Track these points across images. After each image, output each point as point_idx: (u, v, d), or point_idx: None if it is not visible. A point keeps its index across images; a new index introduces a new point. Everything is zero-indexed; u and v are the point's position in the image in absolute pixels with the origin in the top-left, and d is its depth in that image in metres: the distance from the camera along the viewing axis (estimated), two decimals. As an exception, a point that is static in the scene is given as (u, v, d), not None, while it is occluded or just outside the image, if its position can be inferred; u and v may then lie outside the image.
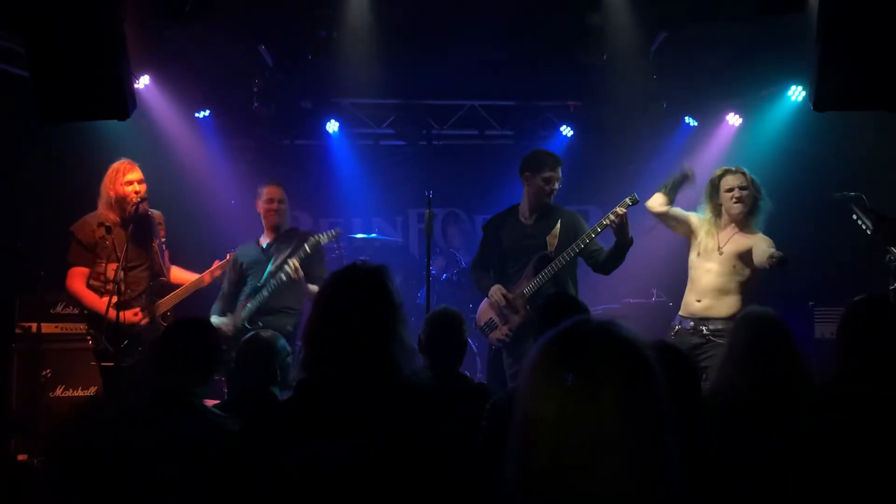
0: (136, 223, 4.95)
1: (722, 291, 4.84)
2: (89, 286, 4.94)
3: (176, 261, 5.49)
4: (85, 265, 4.99)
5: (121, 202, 4.99)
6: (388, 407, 2.14)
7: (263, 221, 5.61)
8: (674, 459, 1.31)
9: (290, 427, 2.15)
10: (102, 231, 4.93)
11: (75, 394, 5.84)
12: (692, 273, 5.01)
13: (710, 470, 1.91)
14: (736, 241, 4.87)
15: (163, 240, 5.20)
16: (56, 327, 5.94)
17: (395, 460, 2.05)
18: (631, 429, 1.29)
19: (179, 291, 5.09)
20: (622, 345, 1.35)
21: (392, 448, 2.06)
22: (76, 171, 6.69)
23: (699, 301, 4.88)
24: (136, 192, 5.00)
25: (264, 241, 5.58)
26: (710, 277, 4.87)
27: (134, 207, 4.92)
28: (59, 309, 5.97)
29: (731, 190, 4.93)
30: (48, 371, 5.84)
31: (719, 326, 4.73)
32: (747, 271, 4.83)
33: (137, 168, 5.07)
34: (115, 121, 4.11)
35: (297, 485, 2.02)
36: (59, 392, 5.85)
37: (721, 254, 4.88)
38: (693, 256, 5.01)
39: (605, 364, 1.32)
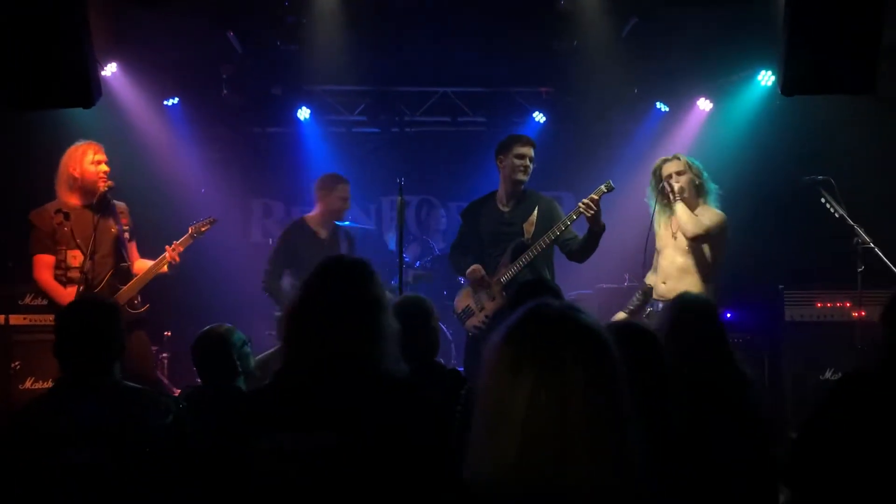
0: (99, 208, 4.90)
1: (683, 272, 4.97)
2: (54, 276, 4.89)
3: (145, 250, 5.42)
4: (47, 253, 4.92)
5: (87, 184, 4.91)
6: (366, 399, 2.14)
7: (327, 211, 6.01)
8: (636, 440, 1.31)
9: (261, 417, 2.14)
10: (60, 217, 4.83)
11: (45, 385, 5.76)
12: (657, 259, 5.15)
13: (677, 449, 1.92)
14: (694, 224, 4.93)
15: (125, 228, 5.11)
16: (24, 319, 5.84)
17: (371, 451, 2.05)
18: (596, 411, 1.28)
19: (141, 278, 5.03)
20: (583, 329, 1.35)
21: (369, 439, 2.05)
22: (41, 160, 6.57)
23: (664, 283, 5.02)
24: (105, 173, 4.94)
25: (322, 231, 5.91)
26: (669, 261, 5.03)
27: (104, 189, 4.88)
28: (27, 300, 5.88)
29: (669, 177, 5.04)
30: (17, 363, 5.76)
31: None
32: (706, 251, 4.95)
33: (102, 150, 5.01)
34: (81, 109, 4.04)
35: (266, 473, 2.01)
36: (28, 384, 5.77)
37: (675, 238, 5.02)
38: (658, 245, 5.14)
39: (570, 347, 1.31)
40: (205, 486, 2.24)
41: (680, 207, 4.95)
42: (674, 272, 4.98)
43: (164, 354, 6.65)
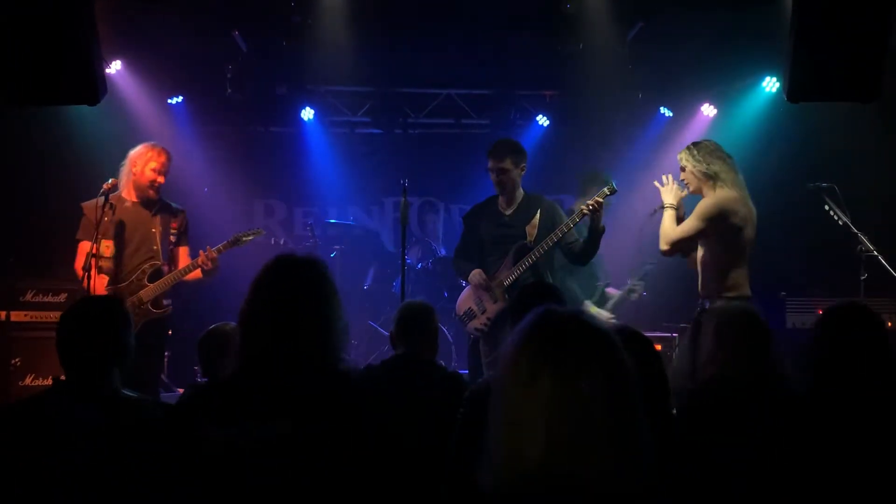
0: (149, 206, 5.03)
1: (703, 267, 4.63)
2: (85, 263, 4.92)
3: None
4: (89, 239, 4.94)
5: (140, 185, 5.01)
6: (316, 391, 2.18)
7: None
8: (649, 437, 1.35)
9: (221, 409, 2.16)
10: (107, 208, 4.88)
11: (45, 383, 5.76)
12: None
13: (678, 451, 1.94)
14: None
15: (173, 231, 5.13)
16: (25, 315, 5.86)
17: (319, 443, 2.08)
18: (615, 410, 1.32)
19: (168, 278, 5.02)
20: (594, 331, 1.38)
21: (317, 431, 2.09)
22: (46, 156, 6.61)
23: (699, 281, 4.73)
24: (159, 183, 5.05)
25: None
26: (697, 258, 4.72)
27: (153, 196, 5.02)
28: (28, 297, 5.89)
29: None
30: (17, 360, 5.76)
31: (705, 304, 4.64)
32: (712, 244, 4.59)
33: (167, 160, 5.09)
34: (86, 106, 4.04)
35: (224, 465, 2.03)
36: (28, 381, 5.77)
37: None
38: None
39: (586, 353, 1.35)
40: (189, 482, 2.24)
41: (665, 215, 4.72)
42: (699, 268, 4.69)
43: (166, 353, 6.65)
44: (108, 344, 2.69)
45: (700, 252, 4.64)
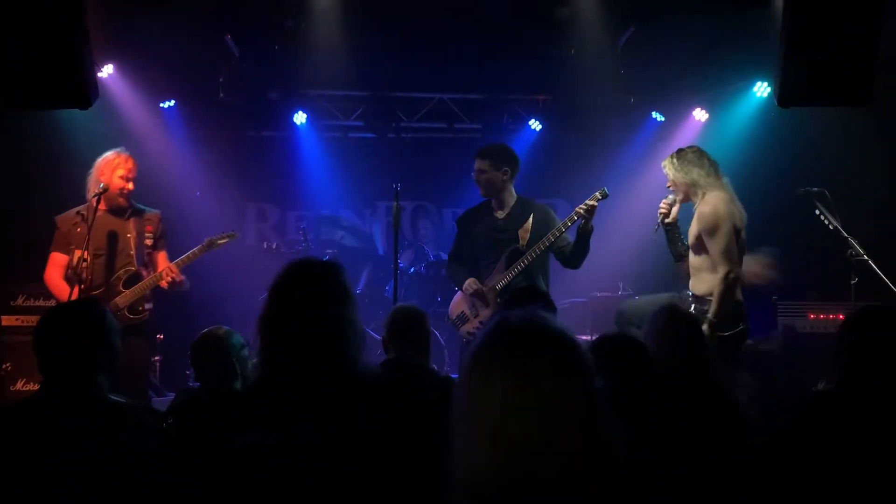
0: (120, 213, 4.99)
1: (696, 270, 4.74)
2: (64, 275, 4.91)
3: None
4: (62, 252, 4.96)
5: (110, 194, 4.96)
6: (340, 396, 2.18)
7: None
8: (611, 443, 1.35)
9: (241, 416, 2.16)
10: (78, 219, 4.89)
11: (36, 387, 5.74)
12: None
13: (665, 449, 1.95)
14: (691, 224, 4.83)
15: (148, 235, 5.10)
16: (17, 320, 5.84)
17: (344, 448, 2.08)
18: (565, 412, 1.33)
19: (140, 286, 4.99)
20: (548, 334, 1.40)
21: (341, 436, 2.09)
22: (37, 160, 6.59)
23: (689, 279, 4.82)
24: (129, 190, 5.01)
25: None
26: (689, 262, 4.82)
27: (123, 204, 4.98)
28: (19, 301, 5.88)
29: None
30: (8, 364, 5.75)
31: (695, 303, 4.69)
32: (709, 249, 4.64)
33: (134, 166, 5.05)
34: (78, 109, 4.04)
35: (244, 470, 2.03)
36: (19, 385, 5.76)
37: (687, 238, 4.86)
38: None
39: (538, 354, 1.36)
40: (191, 487, 2.23)
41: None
42: (692, 271, 4.79)
43: (157, 358, 6.63)
44: (93, 347, 2.65)
45: (699, 256, 4.68)
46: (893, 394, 2.59)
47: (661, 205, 4.87)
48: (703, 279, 4.67)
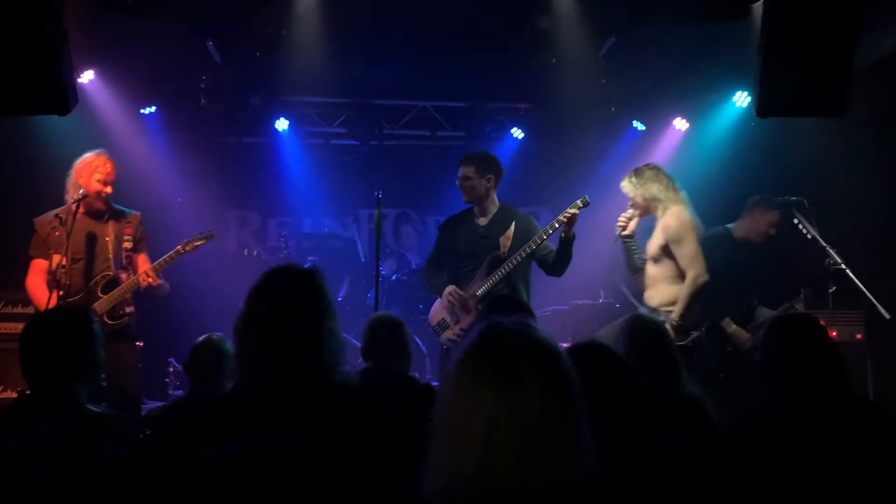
0: (99, 216, 4.96)
1: (653, 281, 4.92)
2: (45, 280, 4.86)
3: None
4: (42, 257, 4.92)
5: (88, 197, 4.91)
6: (316, 405, 2.16)
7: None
8: (591, 447, 1.38)
9: (220, 423, 2.15)
10: (56, 222, 4.84)
11: (14, 395, 5.69)
12: None
13: (637, 458, 1.96)
14: (653, 236, 4.96)
15: (127, 238, 5.05)
16: (-3, 327, 5.80)
17: (319, 457, 2.07)
18: (553, 420, 1.35)
19: (119, 290, 4.95)
20: (537, 343, 1.42)
21: (320, 442, 2.08)
22: (14, 167, 6.53)
23: (646, 291, 5.02)
24: (107, 194, 4.97)
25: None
26: (647, 272, 4.99)
27: (102, 207, 4.94)
28: (-2, 308, 5.83)
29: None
30: (-15, 372, 5.69)
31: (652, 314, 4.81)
32: (670, 263, 4.84)
33: (112, 169, 5.00)
34: (56, 116, 4.01)
35: (219, 478, 2.01)
36: (-2, 393, 5.71)
37: (645, 251, 5.03)
38: None
39: (525, 363, 1.38)
40: (167, 498, 2.21)
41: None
42: (648, 282, 4.96)
43: (139, 365, 6.58)
44: (72, 357, 2.63)
45: (658, 267, 4.86)
46: (817, 402, 2.61)
47: (620, 218, 5.04)
48: (660, 290, 4.86)
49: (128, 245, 5.04)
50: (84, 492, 2.40)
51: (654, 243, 4.88)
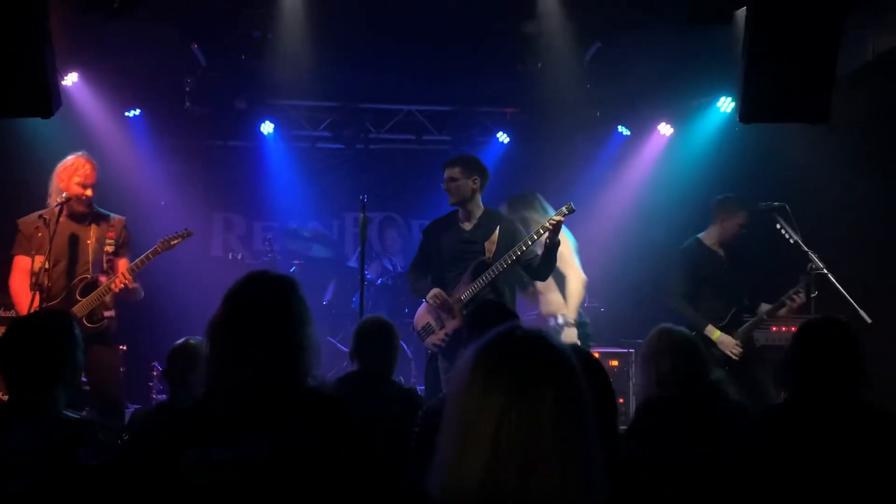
0: (81, 219, 4.93)
1: (552, 293, 5.72)
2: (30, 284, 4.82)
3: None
4: (25, 254, 4.88)
5: (70, 199, 4.87)
6: (289, 410, 2.16)
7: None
8: (599, 457, 1.36)
9: (188, 431, 2.12)
10: (40, 223, 4.81)
11: (2, 398, 5.63)
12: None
13: (627, 472, 1.97)
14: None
15: (109, 242, 5.03)
16: (-23, 330, 5.73)
17: (294, 462, 2.06)
18: (565, 433, 1.33)
19: (96, 293, 4.91)
20: (556, 352, 1.41)
21: (291, 450, 2.07)
22: (-1, 169, 6.49)
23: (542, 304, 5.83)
24: (87, 196, 4.93)
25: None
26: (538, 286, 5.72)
27: (84, 210, 4.91)
28: (-19, 311, 5.77)
29: None
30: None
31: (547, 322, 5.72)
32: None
33: (93, 172, 4.96)
34: (39, 119, 3.98)
35: (191, 486, 2.00)
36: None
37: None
38: None
39: (542, 370, 1.37)
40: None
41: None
42: (544, 293, 5.75)
43: (121, 369, 6.54)
44: (52, 362, 2.60)
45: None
46: (843, 405, 2.63)
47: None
48: (548, 300, 5.65)
49: (109, 249, 5.01)
50: (61, 499, 2.38)
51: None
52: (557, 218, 4.82)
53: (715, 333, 5.38)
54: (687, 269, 5.53)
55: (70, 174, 4.89)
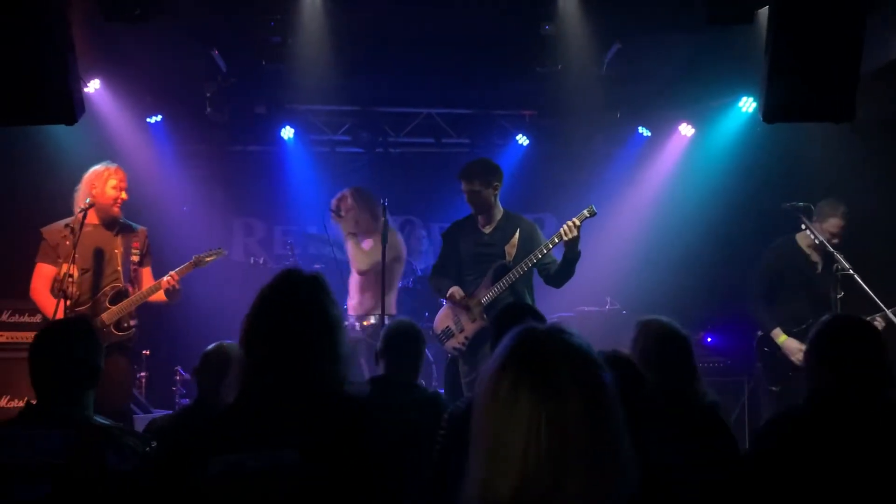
0: (109, 227, 4.99)
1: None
2: (51, 288, 4.87)
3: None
4: (50, 263, 4.92)
5: (102, 206, 4.96)
6: (323, 416, 2.12)
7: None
8: (630, 459, 1.32)
9: (222, 437, 2.10)
10: (66, 231, 4.85)
11: (20, 405, 5.67)
12: None
13: (651, 476, 1.94)
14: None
15: (134, 251, 5.08)
16: (2, 336, 5.79)
17: (327, 469, 2.03)
18: (593, 433, 1.30)
19: (131, 300, 4.96)
20: (575, 350, 1.36)
21: (324, 457, 2.04)
22: (22, 175, 6.56)
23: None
24: (122, 200, 5.02)
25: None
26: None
27: (117, 214, 5.00)
28: (4, 317, 5.83)
29: None
30: (-8, 382, 5.69)
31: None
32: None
33: (125, 177, 5.05)
34: (63, 125, 4.01)
35: (221, 493, 1.98)
36: (3, 402, 5.70)
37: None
38: None
39: (563, 371, 1.32)
40: None
41: None
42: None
43: (143, 374, 6.58)
44: (82, 368, 2.63)
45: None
46: (868, 408, 2.58)
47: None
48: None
49: (135, 258, 5.09)
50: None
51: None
52: (577, 221, 4.78)
53: (781, 337, 5.32)
54: (767, 268, 5.44)
55: (104, 180, 4.97)
